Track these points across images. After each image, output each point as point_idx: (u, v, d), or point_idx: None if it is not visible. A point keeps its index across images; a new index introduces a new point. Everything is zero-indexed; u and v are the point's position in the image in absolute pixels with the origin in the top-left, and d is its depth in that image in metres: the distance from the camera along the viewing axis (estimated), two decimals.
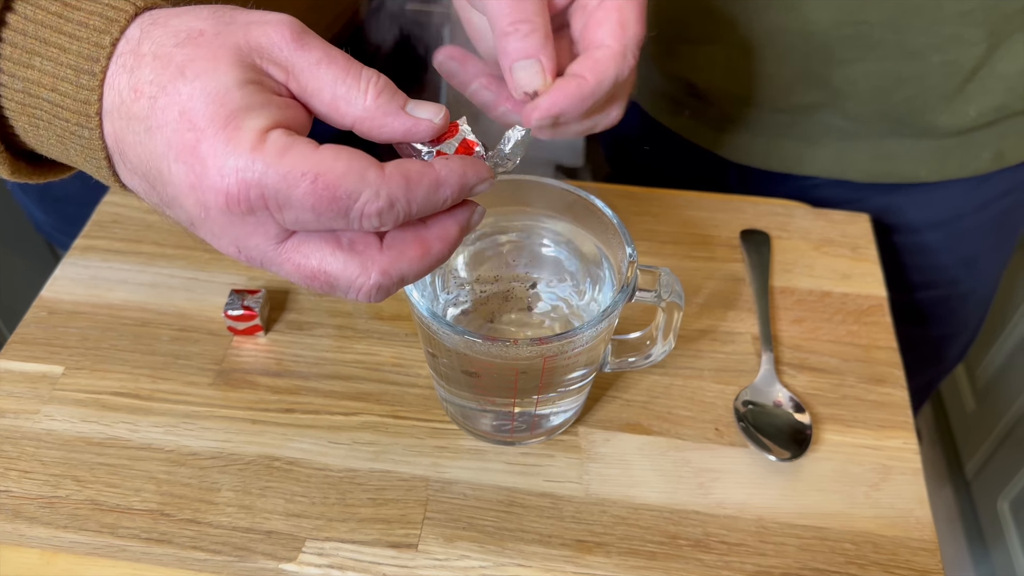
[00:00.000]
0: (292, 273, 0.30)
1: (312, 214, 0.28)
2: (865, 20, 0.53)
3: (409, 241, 0.30)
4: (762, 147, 0.65)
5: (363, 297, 0.30)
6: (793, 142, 0.63)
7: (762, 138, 0.64)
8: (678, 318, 0.44)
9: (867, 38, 0.54)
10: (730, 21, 0.57)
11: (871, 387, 0.51)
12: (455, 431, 0.48)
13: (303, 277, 0.30)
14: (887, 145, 0.61)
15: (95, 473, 0.46)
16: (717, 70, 0.61)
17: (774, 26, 0.56)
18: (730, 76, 0.61)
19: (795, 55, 0.57)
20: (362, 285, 0.30)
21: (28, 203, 0.78)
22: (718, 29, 0.59)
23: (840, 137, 0.62)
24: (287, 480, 0.46)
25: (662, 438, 0.48)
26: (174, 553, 0.43)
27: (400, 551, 0.43)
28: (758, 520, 0.45)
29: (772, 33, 0.56)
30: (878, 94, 0.57)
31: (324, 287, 0.30)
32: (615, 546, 0.44)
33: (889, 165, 0.62)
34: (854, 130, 0.60)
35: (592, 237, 0.45)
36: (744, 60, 0.59)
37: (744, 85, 0.61)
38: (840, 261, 0.58)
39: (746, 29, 0.57)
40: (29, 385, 0.50)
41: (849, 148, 0.62)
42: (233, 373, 0.51)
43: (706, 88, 0.63)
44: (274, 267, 0.30)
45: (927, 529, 0.45)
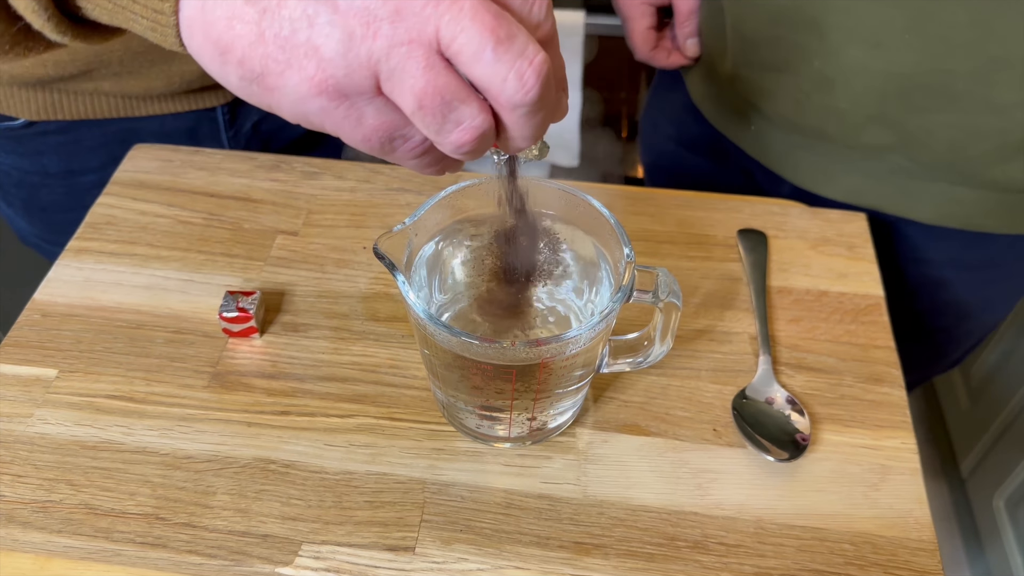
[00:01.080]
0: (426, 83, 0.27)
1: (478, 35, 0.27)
2: (950, 70, 0.51)
3: None
4: (825, 175, 0.63)
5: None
6: (858, 177, 0.61)
7: (827, 167, 0.62)
8: (676, 319, 0.44)
9: (950, 88, 0.52)
10: (805, 52, 0.56)
11: (869, 387, 0.51)
12: (452, 433, 0.48)
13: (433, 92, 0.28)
14: (956, 192, 0.59)
15: (89, 477, 0.46)
16: (785, 100, 0.60)
17: (854, 63, 0.54)
18: (798, 108, 0.59)
19: (871, 96, 0.55)
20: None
21: (13, 215, 0.77)
22: (790, 59, 0.57)
23: (908, 177, 0.59)
24: (283, 483, 0.46)
25: (660, 439, 0.48)
26: (169, 557, 0.43)
27: (397, 554, 0.43)
28: (757, 521, 0.45)
29: (851, 70, 0.54)
30: (954, 147, 0.55)
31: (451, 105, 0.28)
32: (613, 548, 0.44)
33: (957, 210, 0.60)
34: (923, 174, 0.58)
35: (590, 238, 0.45)
36: (816, 94, 0.57)
37: (812, 118, 0.59)
38: (837, 260, 0.58)
39: (823, 63, 0.55)
40: (22, 388, 0.49)
41: (917, 189, 0.60)
42: (228, 375, 0.50)
43: (771, 114, 0.62)
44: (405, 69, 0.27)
45: (926, 529, 0.45)
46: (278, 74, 0.28)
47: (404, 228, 0.41)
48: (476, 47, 0.27)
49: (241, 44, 0.28)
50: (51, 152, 0.69)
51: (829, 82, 0.56)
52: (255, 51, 0.28)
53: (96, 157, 0.70)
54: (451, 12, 0.27)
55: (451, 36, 0.27)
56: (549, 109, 0.30)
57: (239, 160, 0.64)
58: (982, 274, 0.66)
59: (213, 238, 0.58)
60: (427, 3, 0.27)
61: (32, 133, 0.67)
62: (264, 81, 0.29)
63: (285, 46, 0.28)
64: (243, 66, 0.29)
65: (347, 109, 0.29)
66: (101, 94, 0.65)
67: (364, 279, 0.56)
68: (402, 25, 0.27)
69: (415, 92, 0.28)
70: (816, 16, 0.54)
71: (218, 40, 0.28)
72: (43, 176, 0.71)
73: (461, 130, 0.29)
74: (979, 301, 0.69)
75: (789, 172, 0.65)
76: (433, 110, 0.28)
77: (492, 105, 0.29)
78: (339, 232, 0.59)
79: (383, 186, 0.62)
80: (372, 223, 0.60)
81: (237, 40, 0.28)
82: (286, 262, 0.57)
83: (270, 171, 0.63)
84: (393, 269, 0.40)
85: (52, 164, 0.70)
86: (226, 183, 0.62)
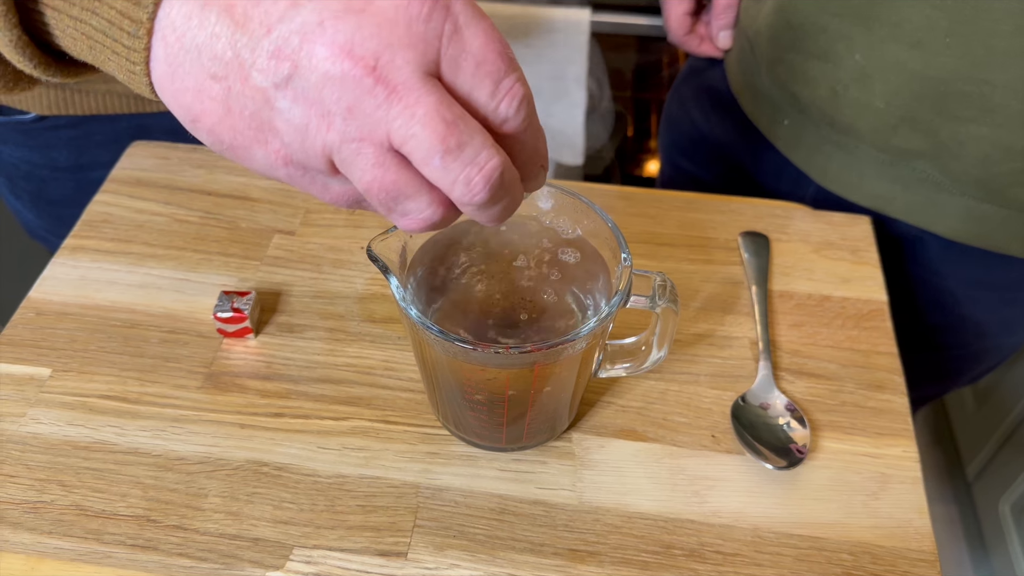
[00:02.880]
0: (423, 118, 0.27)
1: (474, 61, 0.27)
2: (988, 80, 0.50)
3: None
4: (853, 178, 0.62)
5: (513, 105, 0.29)
6: (886, 183, 0.60)
7: (856, 170, 0.61)
8: (674, 324, 0.43)
9: (987, 99, 0.51)
10: (847, 42, 0.55)
11: (870, 393, 0.50)
12: (446, 437, 0.48)
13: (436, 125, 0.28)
14: (981, 209, 0.57)
15: (81, 478, 0.45)
16: (823, 90, 0.59)
17: (892, 60, 0.53)
18: (834, 99, 0.58)
19: (906, 96, 0.54)
20: (517, 91, 0.29)
21: (21, 208, 0.77)
22: (833, 48, 0.56)
23: (934, 189, 0.58)
24: (275, 486, 0.45)
25: (657, 445, 0.48)
26: (160, 560, 0.42)
27: (389, 559, 0.43)
28: (754, 530, 0.44)
29: (889, 67, 0.54)
30: (984, 161, 0.54)
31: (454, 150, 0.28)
32: (608, 555, 0.43)
33: (980, 229, 0.59)
34: (951, 186, 0.57)
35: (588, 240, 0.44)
36: (854, 87, 0.56)
37: (847, 112, 0.58)
38: (840, 264, 0.57)
39: (864, 56, 0.54)
40: (15, 387, 0.49)
41: (942, 202, 0.59)
42: (222, 376, 0.50)
43: (808, 104, 0.61)
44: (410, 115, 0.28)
45: (926, 539, 0.44)
46: (245, 147, 0.29)
47: (399, 229, 0.41)
48: (425, 153, 0.27)
49: (210, 118, 0.29)
50: (61, 146, 0.69)
51: (868, 77, 0.55)
52: (223, 124, 0.29)
53: (106, 152, 0.70)
54: (402, 117, 0.27)
55: (402, 139, 0.27)
56: (510, 199, 0.30)
57: None
58: (1003, 295, 0.65)
59: (209, 237, 0.58)
60: (379, 105, 0.27)
61: (43, 127, 0.67)
62: (234, 151, 0.30)
63: (251, 123, 0.29)
64: (213, 135, 0.29)
65: (311, 179, 0.30)
66: (113, 93, 0.65)
67: (361, 280, 0.55)
68: (354, 123, 0.27)
69: (363, 184, 0.29)
70: (863, 8, 0.53)
71: (189, 108, 0.29)
72: (52, 170, 0.71)
73: (409, 219, 0.30)
74: (998, 321, 0.67)
75: (817, 173, 0.64)
76: (382, 201, 0.29)
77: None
78: (336, 232, 0.58)
79: None
80: (370, 223, 0.59)
81: (206, 114, 0.29)
82: (283, 262, 0.56)
83: None
84: (386, 272, 0.39)
85: (62, 158, 0.70)
86: (224, 181, 0.61)
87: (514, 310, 0.42)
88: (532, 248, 0.44)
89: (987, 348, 0.71)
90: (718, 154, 0.75)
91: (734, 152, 0.73)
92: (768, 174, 0.70)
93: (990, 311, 0.66)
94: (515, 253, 0.44)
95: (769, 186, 0.70)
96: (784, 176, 0.67)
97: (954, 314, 0.66)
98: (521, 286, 0.43)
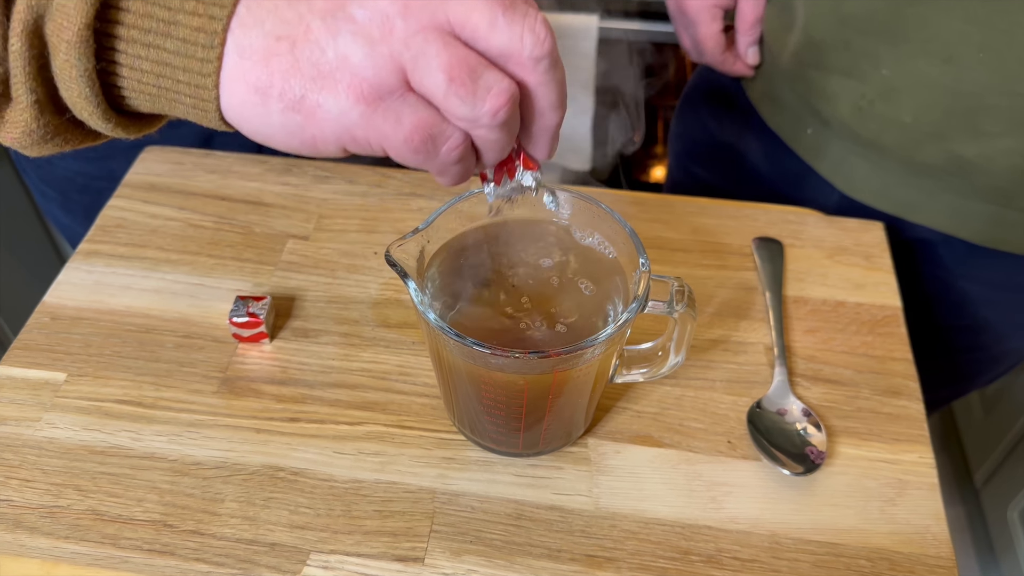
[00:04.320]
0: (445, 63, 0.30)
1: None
2: (1022, 92, 0.49)
3: None
4: (878, 187, 0.61)
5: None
6: (910, 190, 0.60)
7: (879, 179, 0.61)
8: (691, 329, 0.43)
9: (1017, 111, 0.50)
10: (873, 58, 0.54)
11: (886, 399, 0.50)
12: (462, 442, 0.48)
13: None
14: (1007, 215, 0.57)
15: (97, 482, 0.45)
16: (845, 105, 0.58)
17: (922, 75, 0.52)
18: (858, 114, 0.58)
19: (935, 112, 0.53)
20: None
21: (70, 223, 0.76)
22: (857, 64, 0.56)
23: (960, 196, 0.58)
24: (292, 491, 0.45)
25: (673, 451, 0.48)
26: (177, 565, 0.42)
27: (406, 564, 0.43)
28: (771, 536, 0.44)
29: (917, 82, 0.53)
30: (1013, 173, 0.54)
31: (468, 81, 0.30)
32: (626, 561, 0.43)
33: (1007, 233, 0.59)
34: (976, 195, 0.57)
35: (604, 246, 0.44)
36: (880, 103, 0.56)
37: (872, 127, 0.57)
38: (854, 270, 0.57)
39: (891, 72, 0.54)
40: (31, 392, 0.49)
41: (967, 209, 0.58)
42: (238, 381, 0.50)
43: (830, 117, 0.60)
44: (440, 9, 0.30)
45: (944, 545, 0.44)
46: (317, 92, 0.30)
47: (417, 234, 0.41)
48: (489, 18, 0.30)
49: (279, 78, 0.30)
50: (121, 156, 0.68)
51: (895, 92, 0.54)
52: (293, 79, 0.30)
53: None
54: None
55: (464, 17, 0.30)
56: (562, 72, 0.33)
57: (250, 163, 0.63)
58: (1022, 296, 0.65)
59: (224, 242, 0.58)
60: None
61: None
62: (304, 104, 0.31)
63: (318, 65, 0.30)
64: (283, 98, 0.31)
65: (384, 111, 0.31)
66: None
67: (375, 285, 0.55)
68: (413, 17, 0.30)
69: (441, 67, 0.30)
70: (890, 24, 0.53)
71: (257, 81, 0.31)
72: (110, 181, 0.70)
73: (494, 95, 0.31)
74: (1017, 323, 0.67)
75: (842, 182, 0.63)
76: (463, 80, 0.30)
77: (515, 73, 0.31)
78: (350, 237, 0.58)
79: (394, 191, 0.62)
80: (383, 228, 0.59)
81: (275, 75, 0.30)
82: (297, 267, 0.56)
83: (281, 175, 0.63)
84: (405, 277, 0.39)
85: (119, 169, 0.69)
86: (237, 186, 0.61)
87: (532, 315, 0.42)
88: (549, 253, 0.44)
89: (1006, 351, 0.70)
90: (735, 161, 0.75)
91: (752, 159, 0.73)
92: (788, 182, 0.70)
93: (1009, 313, 0.66)
94: (532, 258, 0.44)
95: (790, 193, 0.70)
96: (807, 183, 0.67)
97: (973, 317, 0.66)
98: (538, 291, 0.43)
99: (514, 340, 0.41)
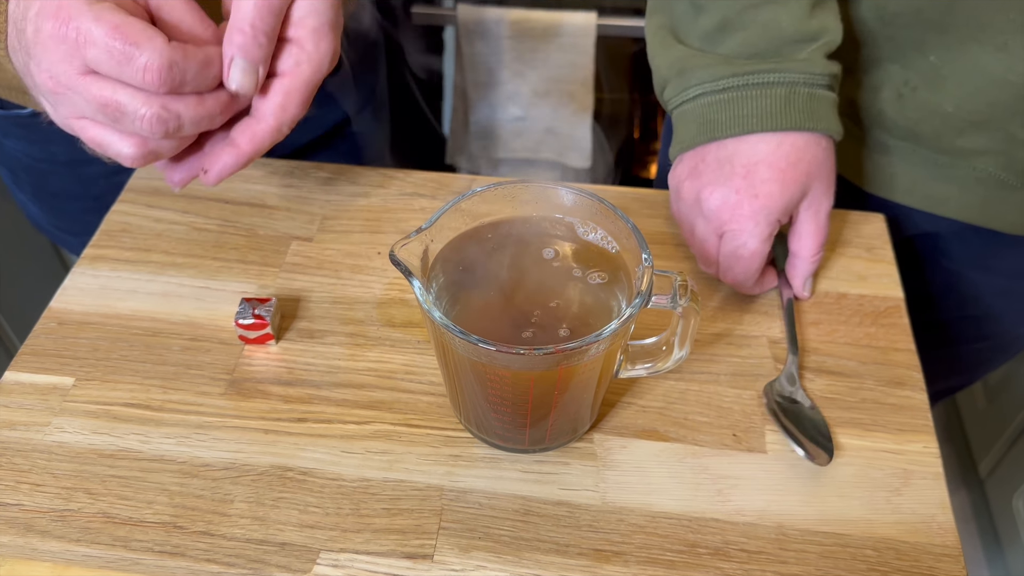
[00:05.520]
0: (93, 99, 0.39)
1: (107, 54, 0.37)
2: None
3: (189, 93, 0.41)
4: (907, 183, 0.60)
5: (146, 125, 0.40)
6: (941, 184, 0.58)
7: (909, 173, 0.59)
8: (695, 324, 0.44)
9: None
10: (919, 45, 0.53)
11: (890, 390, 0.50)
12: (469, 439, 0.48)
13: (100, 105, 0.39)
14: None
15: (107, 485, 0.46)
16: (888, 92, 0.56)
17: (972, 64, 0.51)
18: (900, 102, 0.56)
19: (982, 100, 0.52)
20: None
21: (25, 200, 0.78)
22: (902, 51, 0.54)
23: (994, 187, 0.57)
24: (300, 491, 0.45)
25: (679, 444, 0.48)
26: (187, 566, 0.43)
27: (416, 562, 0.43)
28: (778, 527, 0.44)
29: (967, 70, 0.52)
30: None
31: (115, 114, 0.39)
32: (633, 555, 0.43)
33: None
34: (1012, 182, 0.56)
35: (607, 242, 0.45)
36: (924, 89, 0.54)
37: (912, 116, 0.56)
38: (856, 262, 0.58)
39: (938, 57, 0.52)
40: (40, 397, 0.49)
41: (1001, 199, 0.58)
42: (245, 383, 0.50)
43: (866, 108, 0.58)
44: (78, 93, 0.39)
45: (950, 535, 0.44)
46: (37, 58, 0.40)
47: (420, 234, 0.41)
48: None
49: (18, 56, 0.42)
50: (59, 140, 0.69)
51: (941, 79, 0.53)
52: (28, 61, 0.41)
53: None
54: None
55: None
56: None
57: (253, 166, 0.63)
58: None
59: (228, 244, 0.58)
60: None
61: (39, 121, 0.67)
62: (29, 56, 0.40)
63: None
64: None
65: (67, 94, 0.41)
66: None
67: (379, 285, 0.56)
68: (62, 82, 0.41)
69: (95, 106, 0.41)
70: (938, 17, 0.51)
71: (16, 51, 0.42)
72: (52, 164, 0.71)
73: (141, 123, 0.40)
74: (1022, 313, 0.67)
75: (865, 180, 0.62)
76: (113, 115, 0.41)
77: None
78: (353, 238, 0.59)
79: (397, 191, 0.62)
80: (387, 228, 0.59)
81: (14, 51, 0.42)
82: (301, 268, 0.57)
83: (284, 177, 0.63)
84: (409, 275, 0.39)
85: (60, 152, 0.70)
86: (240, 189, 0.62)
87: (536, 311, 0.42)
88: (552, 250, 0.45)
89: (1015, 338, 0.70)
90: None
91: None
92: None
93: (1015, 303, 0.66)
94: (536, 254, 0.45)
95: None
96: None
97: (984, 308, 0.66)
98: (542, 287, 0.43)
99: (519, 336, 0.41)
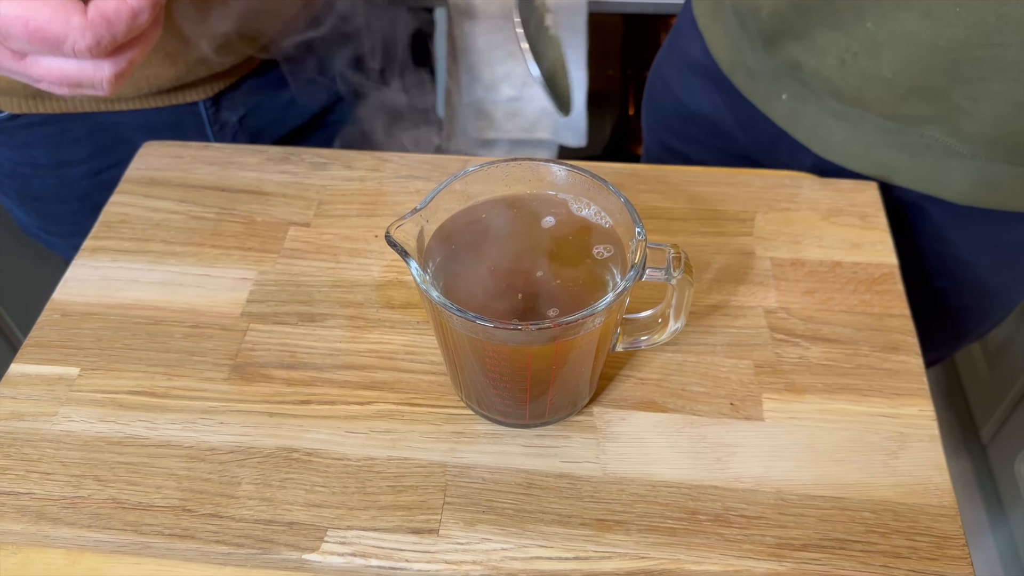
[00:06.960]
0: (42, 78, 0.39)
1: (32, 47, 0.37)
2: (1002, 43, 0.49)
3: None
4: (858, 150, 0.61)
5: (107, 87, 0.40)
6: (891, 151, 0.60)
7: (860, 139, 0.61)
8: (689, 295, 0.44)
9: (999, 59, 0.50)
10: (857, 11, 0.54)
11: (885, 355, 0.51)
12: (470, 416, 0.49)
13: (52, 82, 0.39)
14: (991, 170, 0.57)
15: (116, 472, 0.46)
16: (831, 59, 0.57)
17: (903, 30, 0.52)
18: (843, 69, 0.57)
19: (917, 67, 0.53)
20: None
21: (11, 205, 0.78)
22: (841, 17, 0.55)
23: (942, 154, 0.58)
24: (306, 471, 0.46)
25: (677, 415, 0.48)
26: (197, 548, 0.44)
27: (422, 536, 0.44)
28: (777, 493, 0.45)
29: (899, 37, 0.52)
30: (997, 119, 0.53)
31: (73, 87, 0.39)
32: (635, 524, 0.44)
33: (989, 191, 0.59)
34: (960, 149, 0.57)
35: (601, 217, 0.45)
36: (864, 57, 0.55)
37: (854, 82, 0.57)
38: (850, 230, 0.58)
39: (873, 24, 0.53)
40: (46, 387, 0.50)
41: (950, 167, 0.58)
42: (248, 367, 0.51)
43: (814, 73, 0.59)
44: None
45: (947, 495, 0.45)
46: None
47: (415, 215, 0.42)
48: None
49: None
50: (39, 144, 0.70)
51: (878, 46, 0.54)
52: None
53: (83, 148, 0.70)
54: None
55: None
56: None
57: (248, 154, 0.64)
58: (1008, 255, 0.65)
59: (226, 232, 0.58)
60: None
61: (18, 125, 0.68)
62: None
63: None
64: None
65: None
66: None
67: (377, 267, 0.56)
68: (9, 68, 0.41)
69: (50, 83, 0.41)
70: None
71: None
72: (33, 167, 0.72)
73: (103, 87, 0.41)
74: (1004, 281, 0.68)
75: (819, 145, 0.63)
76: (72, 89, 0.41)
77: None
78: (350, 221, 0.59)
79: (392, 174, 0.62)
80: (383, 211, 0.60)
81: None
82: (300, 253, 0.57)
83: (279, 163, 0.63)
84: (406, 256, 0.40)
85: (41, 156, 0.70)
86: (237, 177, 0.62)
87: (532, 287, 0.43)
88: (546, 226, 0.45)
89: (993, 306, 0.71)
90: (707, 130, 0.75)
91: (725, 128, 0.73)
92: (762, 148, 0.70)
93: (996, 271, 0.66)
94: (530, 232, 0.45)
95: (764, 160, 0.70)
96: (780, 149, 0.67)
97: (960, 277, 0.67)
98: (537, 264, 0.44)
99: (516, 312, 0.42)
